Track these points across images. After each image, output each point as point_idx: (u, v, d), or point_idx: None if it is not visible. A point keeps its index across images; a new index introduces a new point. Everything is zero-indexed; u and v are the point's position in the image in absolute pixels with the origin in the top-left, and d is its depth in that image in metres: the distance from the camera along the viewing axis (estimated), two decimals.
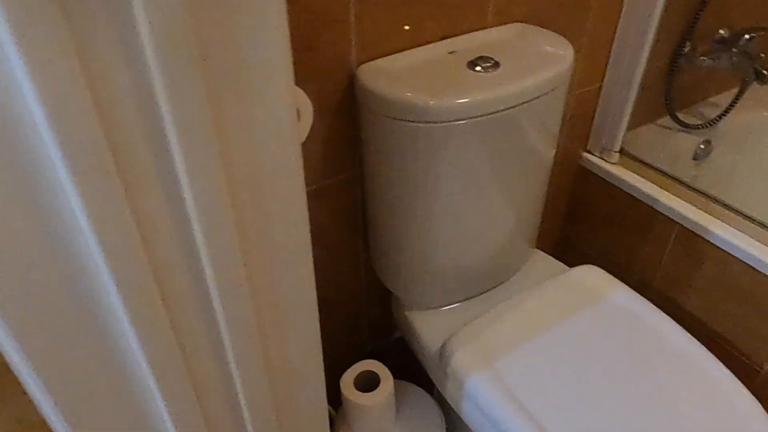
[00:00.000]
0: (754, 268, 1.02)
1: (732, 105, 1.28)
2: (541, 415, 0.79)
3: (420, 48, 0.83)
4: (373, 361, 0.95)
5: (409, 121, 0.75)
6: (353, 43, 0.77)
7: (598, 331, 0.90)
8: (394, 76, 0.78)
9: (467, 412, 0.88)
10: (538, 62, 0.81)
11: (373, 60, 0.80)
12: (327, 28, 0.74)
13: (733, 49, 1.23)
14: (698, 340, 0.89)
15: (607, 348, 0.88)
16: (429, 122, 0.74)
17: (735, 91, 1.27)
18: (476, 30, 0.88)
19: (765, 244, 1.01)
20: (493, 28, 0.90)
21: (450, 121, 0.74)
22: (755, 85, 1.23)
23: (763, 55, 1.20)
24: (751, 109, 1.36)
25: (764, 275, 1.01)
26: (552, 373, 0.84)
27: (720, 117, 1.29)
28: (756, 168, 1.41)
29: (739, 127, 1.36)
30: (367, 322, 1.12)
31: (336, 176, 0.88)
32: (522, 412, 0.79)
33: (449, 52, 0.84)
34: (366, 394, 0.90)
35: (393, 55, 0.81)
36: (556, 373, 0.84)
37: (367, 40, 0.78)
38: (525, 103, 0.78)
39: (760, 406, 0.80)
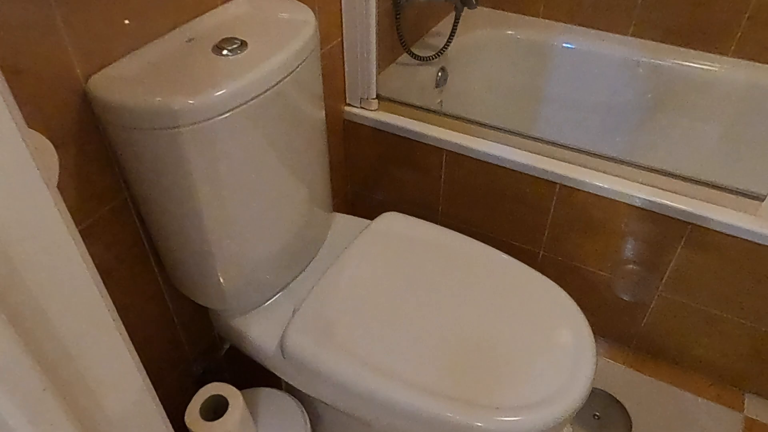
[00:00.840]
0: (511, 170, 1.17)
1: (453, 32, 1.42)
2: (389, 369, 0.82)
3: (153, 43, 0.74)
4: (213, 384, 0.88)
5: (167, 128, 0.67)
6: (71, 53, 0.65)
7: (415, 267, 0.96)
8: (135, 81, 0.68)
9: (325, 393, 0.87)
10: (284, 33, 0.78)
11: (103, 68, 0.68)
12: (33, 43, 0.61)
13: None
14: (488, 244, 1.00)
15: (426, 278, 0.94)
16: (191, 124, 0.67)
17: (452, 19, 1.41)
18: (207, 11, 0.81)
19: (511, 146, 1.17)
20: (223, 6, 0.84)
21: (215, 117, 0.68)
22: (466, 11, 1.37)
23: None
24: (469, 32, 1.52)
25: (520, 173, 1.17)
26: (390, 322, 0.88)
27: (447, 45, 1.43)
28: (485, 82, 1.60)
29: (463, 50, 1.52)
30: (190, 346, 1.03)
31: (101, 209, 0.76)
32: (377, 373, 0.81)
33: (187, 41, 0.76)
34: (217, 421, 0.83)
35: (125, 58, 0.71)
36: (394, 320, 0.88)
37: (88, 47, 0.66)
38: (286, 77, 0.75)
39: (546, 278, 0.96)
